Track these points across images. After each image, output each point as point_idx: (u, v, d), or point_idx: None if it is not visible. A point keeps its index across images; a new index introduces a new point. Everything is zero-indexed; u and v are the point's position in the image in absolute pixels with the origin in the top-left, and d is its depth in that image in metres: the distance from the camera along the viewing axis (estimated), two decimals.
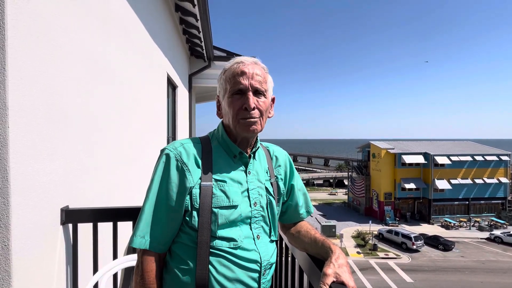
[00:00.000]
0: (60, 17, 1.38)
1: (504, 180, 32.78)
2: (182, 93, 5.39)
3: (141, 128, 2.87)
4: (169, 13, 4.09)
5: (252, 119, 0.91)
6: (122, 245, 1.62)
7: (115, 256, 1.57)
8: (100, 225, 1.56)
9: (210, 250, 0.85)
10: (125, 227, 1.71)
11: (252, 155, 0.99)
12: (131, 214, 1.59)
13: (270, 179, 1.02)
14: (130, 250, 1.67)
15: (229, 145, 0.96)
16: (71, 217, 1.44)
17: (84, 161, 1.65)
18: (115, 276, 1.57)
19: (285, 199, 1.10)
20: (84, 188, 1.65)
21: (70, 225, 1.46)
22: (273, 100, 1.02)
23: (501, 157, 33.02)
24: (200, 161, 0.90)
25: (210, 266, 0.84)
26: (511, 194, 33.96)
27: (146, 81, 3.05)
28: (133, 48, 2.57)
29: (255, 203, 0.95)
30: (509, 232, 27.36)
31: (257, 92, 0.92)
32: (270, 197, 1.00)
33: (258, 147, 1.04)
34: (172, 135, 4.87)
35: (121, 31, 2.25)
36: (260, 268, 0.91)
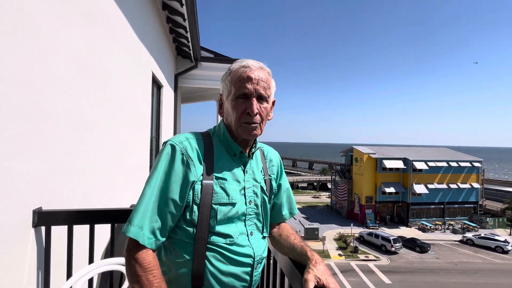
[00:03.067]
0: (42, 12, 1.32)
1: (476, 185, 34.62)
2: (168, 93, 5.30)
3: (124, 127, 2.79)
4: (156, 11, 4.02)
5: (253, 124, 0.94)
6: (99, 249, 1.56)
7: (91, 261, 1.51)
8: (76, 227, 1.50)
9: (207, 245, 0.87)
10: (102, 230, 1.65)
11: (251, 155, 1.03)
12: (110, 216, 1.54)
13: (264, 177, 1.06)
14: (108, 253, 1.61)
15: (230, 144, 0.99)
16: (44, 219, 1.37)
17: (63, 161, 1.57)
18: (90, 281, 1.50)
19: (273, 197, 1.13)
20: (62, 189, 1.58)
21: (43, 228, 1.39)
22: (273, 103, 1.05)
23: (473, 163, 34.88)
24: (202, 157, 0.92)
25: (205, 261, 0.87)
26: (482, 199, 35.95)
27: (130, 79, 2.97)
28: (118, 45, 2.50)
29: (250, 201, 0.98)
30: (480, 234, 28.90)
31: (261, 98, 0.95)
32: (264, 195, 1.04)
33: (258, 148, 1.07)
34: (156, 135, 4.76)
35: (106, 27, 2.19)
36: (253, 262, 0.94)
